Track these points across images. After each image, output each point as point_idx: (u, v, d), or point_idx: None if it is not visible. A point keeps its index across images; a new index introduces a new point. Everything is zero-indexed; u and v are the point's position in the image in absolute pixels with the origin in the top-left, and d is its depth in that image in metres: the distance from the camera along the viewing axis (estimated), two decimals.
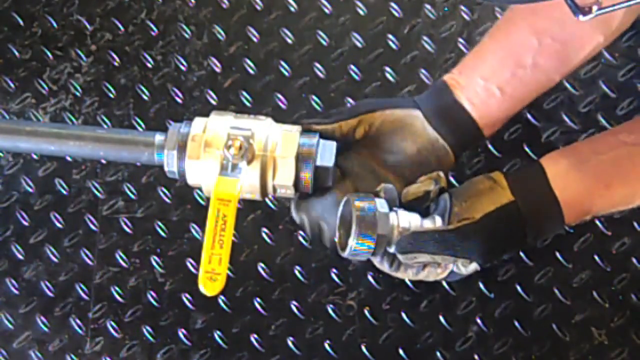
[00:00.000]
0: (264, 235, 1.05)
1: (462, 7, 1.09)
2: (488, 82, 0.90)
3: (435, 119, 0.90)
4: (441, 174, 0.87)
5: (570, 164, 0.86)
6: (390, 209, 0.84)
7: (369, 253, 0.83)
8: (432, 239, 0.82)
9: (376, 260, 0.88)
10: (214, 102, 1.10)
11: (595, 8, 0.62)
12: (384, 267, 0.88)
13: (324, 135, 0.88)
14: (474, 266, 0.84)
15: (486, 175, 0.88)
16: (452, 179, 1.01)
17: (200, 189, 0.88)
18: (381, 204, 0.83)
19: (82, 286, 1.06)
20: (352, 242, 0.82)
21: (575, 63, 0.93)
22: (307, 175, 0.85)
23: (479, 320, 1.00)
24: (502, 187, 0.85)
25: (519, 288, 1.00)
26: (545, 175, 0.85)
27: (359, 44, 1.10)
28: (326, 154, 0.86)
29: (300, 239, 1.04)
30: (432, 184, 0.86)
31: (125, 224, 1.07)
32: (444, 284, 1.01)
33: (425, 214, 0.87)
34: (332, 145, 0.87)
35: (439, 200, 0.87)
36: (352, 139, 0.91)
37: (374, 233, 0.81)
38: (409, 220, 0.84)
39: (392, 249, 0.84)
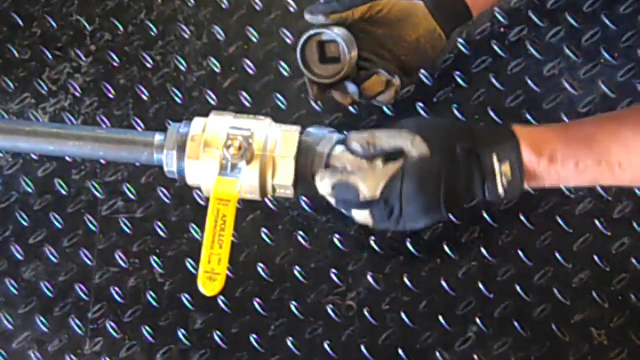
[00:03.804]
0: (264, 235, 1.05)
1: None
2: None
3: (436, 10, 0.96)
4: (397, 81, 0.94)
5: (538, 130, 0.87)
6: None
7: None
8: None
9: None
10: (213, 102, 1.10)
11: None
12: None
13: (338, 24, 0.92)
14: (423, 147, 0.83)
15: None
16: None
17: (199, 189, 0.88)
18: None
19: (82, 286, 1.06)
20: None
21: None
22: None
23: (478, 321, 1.00)
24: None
25: (518, 288, 1.00)
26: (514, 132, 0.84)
27: None
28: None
29: (300, 239, 1.04)
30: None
31: (125, 224, 1.07)
32: (444, 284, 1.01)
33: None
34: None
35: None
36: (358, 23, 0.94)
37: None
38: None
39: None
